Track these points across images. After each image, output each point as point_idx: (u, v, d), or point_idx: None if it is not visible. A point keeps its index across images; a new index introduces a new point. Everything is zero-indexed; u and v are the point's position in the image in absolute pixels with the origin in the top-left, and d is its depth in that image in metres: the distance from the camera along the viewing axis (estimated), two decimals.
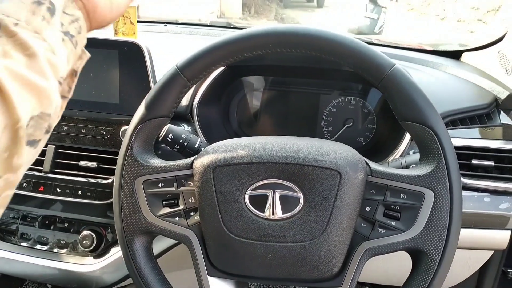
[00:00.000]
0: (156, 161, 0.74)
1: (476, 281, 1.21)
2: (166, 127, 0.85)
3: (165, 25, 1.52)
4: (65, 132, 1.01)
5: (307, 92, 1.16)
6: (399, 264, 1.03)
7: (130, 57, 0.95)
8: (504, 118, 1.00)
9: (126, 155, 0.73)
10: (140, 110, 0.73)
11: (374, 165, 0.69)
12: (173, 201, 0.72)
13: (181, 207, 0.72)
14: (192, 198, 0.71)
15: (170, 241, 0.96)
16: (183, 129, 0.86)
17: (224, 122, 1.15)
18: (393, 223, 0.66)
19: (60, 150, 1.01)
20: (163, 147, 0.95)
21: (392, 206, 0.66)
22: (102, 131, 0.99)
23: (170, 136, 0.85)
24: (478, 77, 1.12)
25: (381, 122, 1.13)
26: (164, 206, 0.72)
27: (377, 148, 1.10)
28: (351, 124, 1.14)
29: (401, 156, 0.95)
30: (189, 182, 0.72)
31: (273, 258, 0.67)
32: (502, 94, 1.03)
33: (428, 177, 0.65)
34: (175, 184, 0.72)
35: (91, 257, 1.01)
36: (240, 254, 0.68)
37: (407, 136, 0.94)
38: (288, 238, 0.66)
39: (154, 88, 0.73)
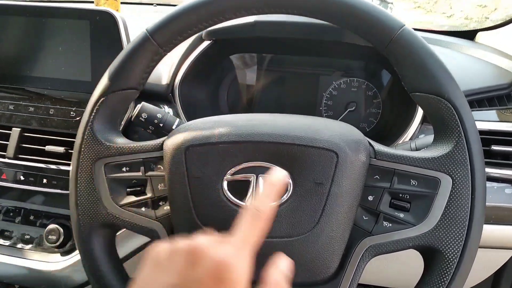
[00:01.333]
0: (121, 141, 0.63)
1: (491, 285, 1.10)
2: (139, 106, 0.74)
3: (155, 6, 1.41)
4: (32, 114, 0.90)
5: (305, 73, 1.04)
6: (408, 265, 0.91)
7: (103, 28, 0.84)
8: None
9: (85, 134, 0.62)
10: (103, 81, 0.62)
11: (378, 146, 0.57)
12: (139, 188, 0.61)
13: (149, 195, 0.60)
14: (162, 185, 0.60)
15: (141, 239, 0.85)
16: (159, 109, 0.75)
17: (212, 106, 1.04)
18: (402, 215, 0.55)
19: (26, 134, 0.90)
20: (141, 131, 0.84)
21: (400, 195, 0.55)
22: (72, 112, 0.88)
23: (143, 115, 0.73)
24: (496, 56, 1.00)
25: (387, 106, 1.01)
26: (129, 194, 0.61)
27: (382, 135, 0.98)
28: (353, 108, 1.02)
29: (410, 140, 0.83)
30: (158, 166, 0.60)
31: (256, 256, 0.56)
32: None
33: (444, 159, 0.54)
34: (142, 168, 0.61)
35: (58, 254, 0.90)
36: None
37: (418, 118, 0.83)
38: (273, 232, 0.55)
39: (120, 55, 0.62)
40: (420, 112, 0.82)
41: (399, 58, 0.55)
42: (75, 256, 0.88)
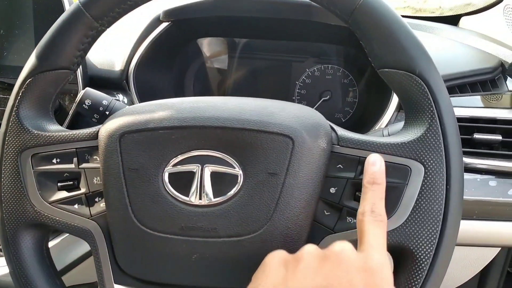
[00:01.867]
0: (52, 128, 0.55)
1: (477, 284, 1.03)
2: (82, 91, 0.66)
3: None
4: None
5: (276, 60, 0.97)
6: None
7: (47, 8, 0.76)
8: None
9: (10, 120, 0.54)
10: (30, 61, 0.54)
11: (342, 131, 0.50)
12: (72, 183, 0.53)
13: (83, 190, 0.53)
14: (98, 178, 0.52)
15: (84, 247, 0.77)
16: (105, 95, 0.67)
17: (177, 95, 0.96)
18: None
19: None
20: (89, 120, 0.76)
21: None
22: None
23: (87, 102, 0.66)
24: (480, 40, 0.93)
25: (364, 95, 0.94)
26: (60, 189, 0.53)
27: (359, 126, 0.91)
28: (328, 97, 0.95)
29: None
30: (94, 157, 0.53)
31: (200, 259, 0.49)
32: (510, 58, 0.85)
33: (415, 145, 0.47)
34: (75, 159, 0.53)
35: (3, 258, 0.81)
36: (156, 254, 0.49)
37: (393, 103, 0.76)
38: (221, 231, 0.48)
39: (49, 30, 0.54)
40: (396, 98, 0.75)
41: (364, 29, 0.48)
42: None
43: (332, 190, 0.49)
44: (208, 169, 0.48)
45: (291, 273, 0.39)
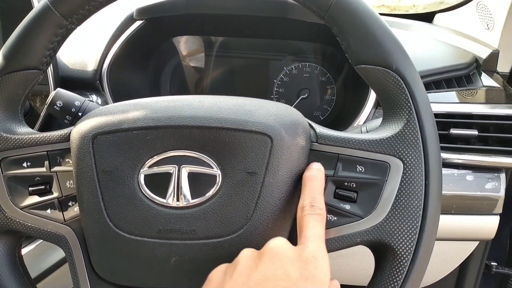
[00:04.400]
0: (22, 131, 0.53)
1: (456, 277, 1.04)
2: (53, 92, 0.64)
3: None
4: None
5: (254, 58, 0.96)
6: (362, 261, 0.85)
7: (15, 7, 0.73)
8: (487, 81, 0.82)
9: None
10: None
11: (320, 129, 0.49)
12: (43, 187, 0.51)
13: (55, 194, 0.51)
14: (71, 182, 0.51)
15: (58, 254, 0.75)
16: (77, 95, 0.65)
17: (153, 95, 0.94)
18: (347, 206, 0.47)
19: None
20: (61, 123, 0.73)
21: (346, 184, 0.47)
22: None
23: (59, 103, 0.63)
24: (455, 36, 0.94)
25: (342, 93, 0.94)
26: (31, 193, 0.51)
27: (338, 123, 0.91)
28: (306, 95, 0.95)
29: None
30: (66, 160, 0.51)
31: (179, 262, 0.47)
32: (483, 53, 0.86)
33: (393, 141, 0.46)
34: (46, 162, 0.51)
35: None
36: (133, 258, 0.48)
37: (371, 100, 0.76)
38: (200, 233, 0.47)
39: (17, 29, 0.52)
40: (373, 94, 0.75)
41: (340, 25, 0.48)
42: None
43: None
44: (185, 170, 0.47)
45: (228, 277, 0.40)
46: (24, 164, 0.51)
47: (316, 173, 0.46)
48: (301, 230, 0.43)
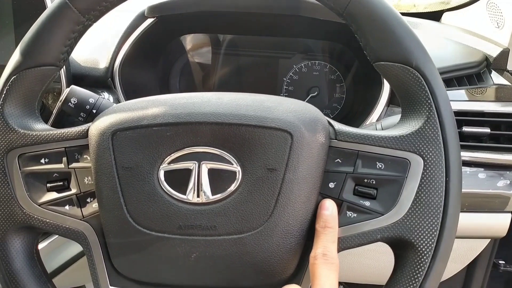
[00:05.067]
0: (39, 127, 0.53)
1: (464, 276, 1.04)
2: (67, 90, 0.64)
3: None
4: None
5: (263, 56, 0.96)
6: (379, 259, 0.85)
7: (27, 4, 0.73)
8: (497, 79, 0.82)
9: None
10: (15, 56, 0.52)
11: (339, 126, 0.50)
12: (61, 183, 0.51)
13: (74, 191, 0.51)
14: (89, 178, 0.51)
15: (74, 249, 0.75)
16: (92, 93, 0.65)
17: (163, 93, 0.94)
18: (367, 203, 0.47)
19: None
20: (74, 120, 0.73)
21: (366, 180, 0.48)
22: None
23: (73, 100, 0.63)
24: (464, 35, 0.94)
25: (351, 91, 0.94)
26: (50, 190, 0.51)
27: (347, 121, 0.91)
28: (316, 93, 0.95)
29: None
30: (84, 156, 0.51)
31: (199, 258, 0.47)
32: (494, 52, 0.86)
33: (413, 137, 0.46)
34: (64, 159, 0.51)
35: None
36: (153, 254, 0.48)
37: (384, 99, 0.76)
38: (220, 229, 0.47)
39: (34, 25, 0.52)
40: (386, 92, 0.75)
41: (359, 22, 0.48)
42: None
43: (331, 185, 0.48)
44: (205, 166, 0.47)
45: None
46: (42, 161, 0.51)
47: (330, 223, 0.46)
48: (314, 279, 0.44)
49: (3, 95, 0.51)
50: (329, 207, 0.47)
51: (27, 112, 0.53)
